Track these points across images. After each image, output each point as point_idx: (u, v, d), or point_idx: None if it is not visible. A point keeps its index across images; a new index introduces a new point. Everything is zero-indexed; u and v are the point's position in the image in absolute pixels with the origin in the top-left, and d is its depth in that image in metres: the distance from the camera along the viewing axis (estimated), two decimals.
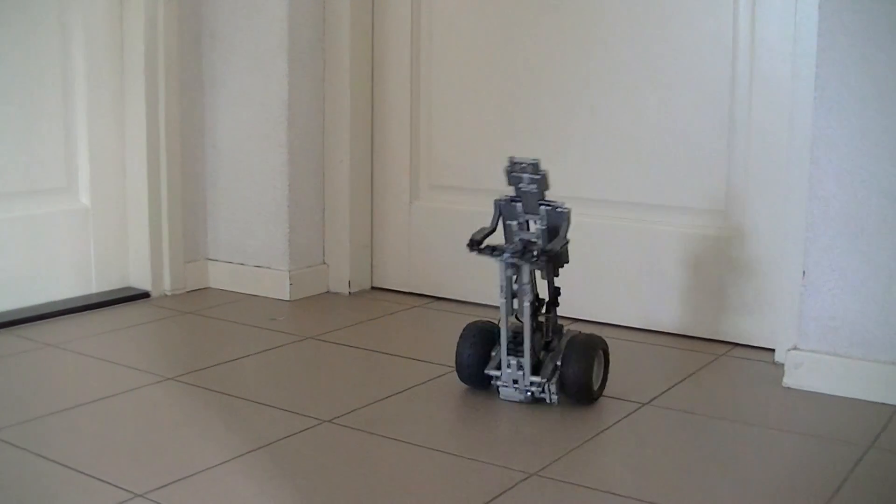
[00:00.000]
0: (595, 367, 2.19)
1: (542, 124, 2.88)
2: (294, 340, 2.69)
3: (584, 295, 2.80)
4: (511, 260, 2.13)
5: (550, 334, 2.23)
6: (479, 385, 2.27)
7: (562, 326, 2.25)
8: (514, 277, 2.16)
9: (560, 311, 2.24)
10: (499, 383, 2.21)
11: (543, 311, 2.23)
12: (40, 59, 2.89)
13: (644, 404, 2.20)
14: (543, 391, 2.17)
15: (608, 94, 2.77)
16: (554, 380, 2.15)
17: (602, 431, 2.05)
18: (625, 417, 2.13)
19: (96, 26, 2.99)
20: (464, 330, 2.28)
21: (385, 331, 2.83)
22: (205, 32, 3.16)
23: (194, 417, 2.10)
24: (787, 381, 2.33)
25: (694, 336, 2.71)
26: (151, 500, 1.70)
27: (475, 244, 2.16)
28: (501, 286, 2.17)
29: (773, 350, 2.53)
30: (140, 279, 3.14)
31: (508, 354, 2.18)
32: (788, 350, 2.33)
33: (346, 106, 3.14)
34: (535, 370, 2.17)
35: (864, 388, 2.23)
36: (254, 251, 3.19)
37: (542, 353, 2.20)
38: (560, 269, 2.22)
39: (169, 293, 3.15)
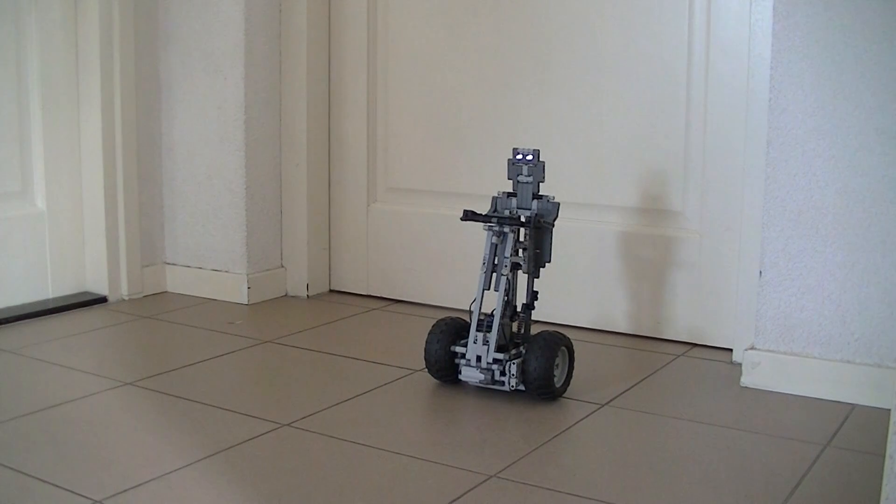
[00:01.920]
0: (557, 363, 2.22)
1: (498, 127, 2.89)
2: (252, 344, 2.68)
3: (542, 296, 2.81)
4: (496, 226, 2.22)
5: (521, 334, 2.27)
6: (446, 378, 2.29)
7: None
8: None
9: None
10: (462, 361, 2.22)
11: (519, 311, 2.28)
12: None
13: (603, 405, 2.21)
14: (504, 373, 2.18)
15: (564, 96, 2.78)
16: (516, 362, 2.17)
17: (561, 432, 2.05)
18: (584, 418, 2.13)
19: (51, 29, 2.97)
20: (433, 325, 2.30)
21: (343, 334, 2.82)
22: (160, 35, 3.15)
23: (152, 422, 2.09)
24: (745, 380, 2.34)
25: (652, 337, 2.72)
26: None
27: (468, 213, 2.23)
28: (484, 257, 2.22)
29: (730, 350, 2.55)
30: (97, 284, 3.11)
31: (477, 330, 2.21)
32: (746, 350, 2.35)
33: (303, 108, 3.13)
34: (501, 351, 2.21)
35: (821, 386, 2.25)
36: (211, 255, 3.18)
37: (511, 346, 2.24)
38: (541, 270, 2.28)
39: (126, 298, 3.13)
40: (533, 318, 2.28)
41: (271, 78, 3.13)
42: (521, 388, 2.21)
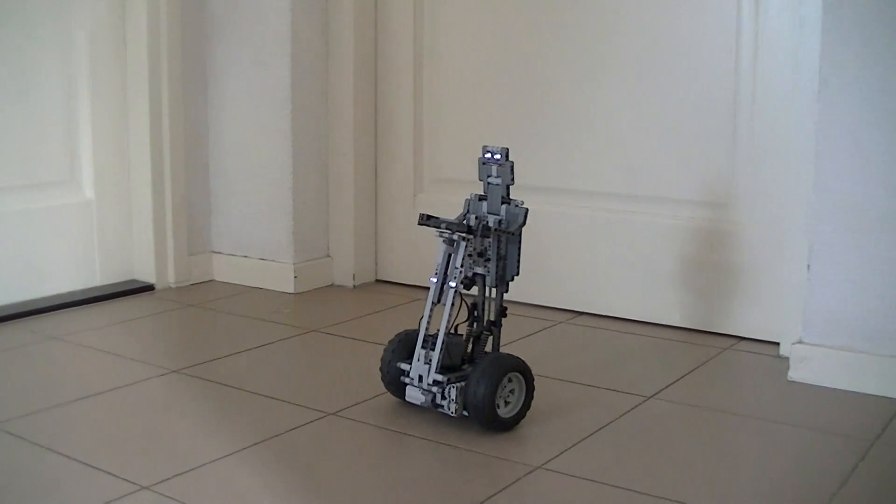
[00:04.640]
0: (512, 388, 2.01)
1: (544, 119, 2.88)
2: (298, 333, 2.68)
3: (588, 288, 2.80)
4: (447, 233, 2.00)
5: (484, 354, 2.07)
6: (398, 395, 2.12)
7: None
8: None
9: (564, 304, 2.21)
10: (407, 380, 2.04)
11: (484, 327, 2.08)
12: (43, 52, 2.89)
13: (649, 398, 2.20)
14: (445, 396, 1.99)
15: (612, 88, 2.76)
16: (457, 385, 1.97)
17: (606, 425, 2.05)
18: (629, 411, 2.12)
19: (99, 19, 2.99)
20: (391, 338, 2.14)
21: (389, 323, 2.82)
22: (207, 25, 3.16)
23: (199, 410, 2.10)
24: (792, 374, 2.32)
25: (699, 329, 2.70)
26: (156, 493, 1.70)
27: (423, 217, 2.02)
28: (436, 266, 2.03)
29: (777, 344, 2.53)
30: (144, 272, 3.14)
31: (422, 347, 2.02)
32: (793, 344, 2.33)
33: (350, 98, 3.13)
34: (449, 371, 2.00)
35: (869, 381, 2.23)
36: (258, 244, 3.19)
37: (465, 366, 2.04)
38: (510, 284, 2.08)
39: (173, 286, 3.15)
40: (580, 309, 2.23)
41: (317, 68, 3.13)
42: (466, 413, 1.98)
